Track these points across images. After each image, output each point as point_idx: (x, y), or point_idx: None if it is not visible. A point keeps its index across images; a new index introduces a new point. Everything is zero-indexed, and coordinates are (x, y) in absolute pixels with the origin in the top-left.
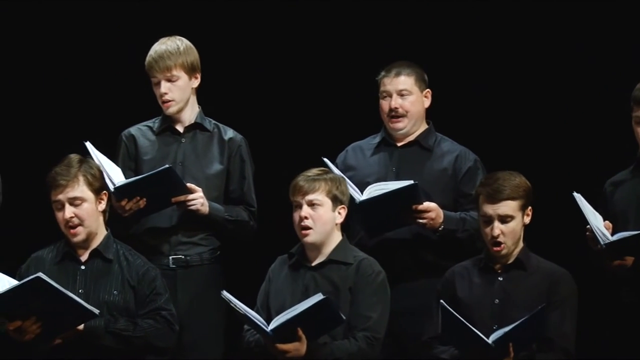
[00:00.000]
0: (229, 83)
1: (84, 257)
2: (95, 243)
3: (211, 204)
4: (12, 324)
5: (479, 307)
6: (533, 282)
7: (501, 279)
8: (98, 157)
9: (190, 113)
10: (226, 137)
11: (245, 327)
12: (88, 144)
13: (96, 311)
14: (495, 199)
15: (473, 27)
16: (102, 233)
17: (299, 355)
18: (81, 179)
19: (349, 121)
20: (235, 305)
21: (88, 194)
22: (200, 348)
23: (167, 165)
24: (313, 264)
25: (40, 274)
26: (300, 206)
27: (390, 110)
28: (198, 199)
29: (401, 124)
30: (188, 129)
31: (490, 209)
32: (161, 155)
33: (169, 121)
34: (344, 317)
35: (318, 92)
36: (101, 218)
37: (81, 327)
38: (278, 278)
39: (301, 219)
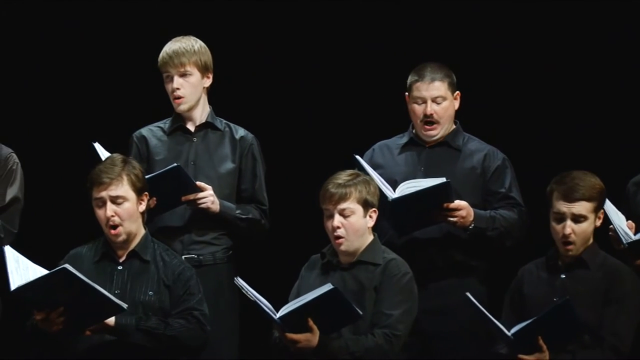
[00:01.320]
0: (245, 84)
1: (122, 258)
2: (134, 244)
3: (222, 202)
4: (38, 314)
5: (540, 304)
6: (595, 280)
7: (563, 276)
8: (106, 157)
9: (202, 112)
10: (237, 136)
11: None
12: (96, 145)
13: (124, 305)
14: (570, 197)
15: (501, 25)
16: (140, 234)
17: (309, 346)
18: (125, 178)
19: (367, 120)
20: (247, 292)
21: (130, 194)
22: (215, 348)
23: (175, 164)
24: (343, 264)
25: (66, 266)
26: (332, 215)
27: (425, 116)
28: (208, 197)
29: (434, 132)
30: (199, 128)
31: (564, 207)
32: (173, 155)
33: (180, 121)
34: (361, 312)
35: (332, 91)
36: (140, 219)
37: (112, 322)
38: (309, 277)
39: (334, 228)
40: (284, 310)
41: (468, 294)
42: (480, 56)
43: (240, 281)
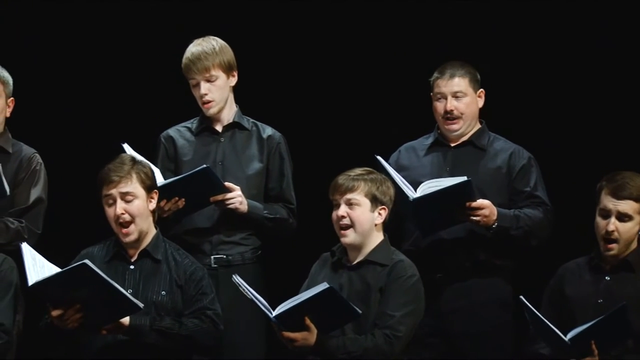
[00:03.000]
0: (273, 82)
1: (134, 257)
2: (145, 243)
3: (250, 202)
4: (54, 311)
5: (583, 305)
6: None
7: (608, 278)
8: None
9: (229, 112)
10: (265, 135)
11: None
12: (125, 146)
13: (140, 305)
14: (618, 195)
15: (526, 25)
16: (151, 233)
17: (307, 344)
18: (134, 175)
19: (395, 121)
20: (244, 290)
21: (140, 191)
22: (243, 347)
23: (204, 165)
24: (352, 264)
25: (86, 261)
26: (338, 205)
27: (445, 112)
28: (236, 198)
29: (456, 126)
30: (227, 128)
31: (610, 204)
32: (200, 156)
33: (208, 121)
34: (360, 311)
35: (363, 91)
36: (151, 217)
37: (127, 322)
38: (318, 276)
39: (339, 218)
40: (280, 309)
41: (522, 297)
42: (508, 55)
43: (237, 279)
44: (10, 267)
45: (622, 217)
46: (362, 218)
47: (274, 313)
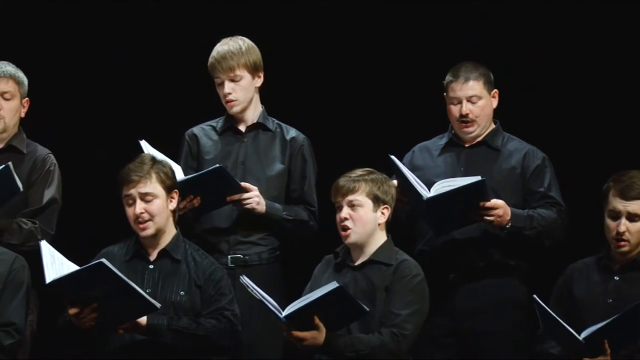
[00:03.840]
0: (295, 83)
1: (153, 257)
2: (164, 242)
3: (269, 203)
4: (72, 309)
5: (593, 305)
6: None
7: (617, 278)
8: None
9: (253, 112)
10: (288, 137)
11: None
12: (143, 142)
13: (157, 305)
14: (627, 195)
15: (539, 24)
16: (171, 232)
17: (316, 343)
18: (154, 175)
19: (413, 121)
20: (252, 291)
21: (160, 191)
22: (260, 347)
23: (217, 165)
24: (355, 264)
25: (103, 260)
26: (341, 207)
27: (461, 116)
28: (253, 198)
29: (471, 129)
30: (250, 128)
31: (620, 205)
32: (223, 155)
33: (232, 121)
34: (367, 309)
35: (382, 92)
36: (171, 217)
37: (144, 322)
38: (321, 277)
39: (342, 219)
40: (290, 309)
41: (535, 296)
42: (522, 54)
43: (245, 279)
44: (21, 267)
45: (633, 217)
46: (364, 219)
47: (284, 313)
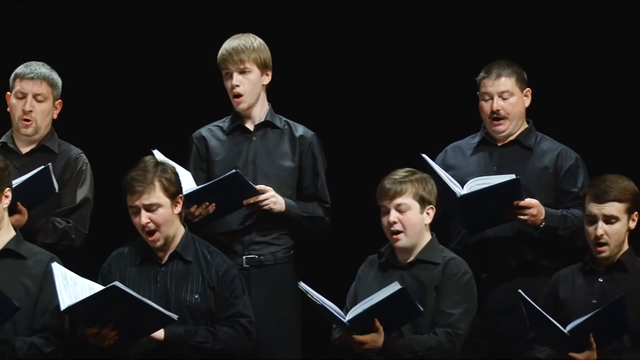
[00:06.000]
0: (307, 79)
1: (164, 259)
2: (174, 245)
3: (287, 201)
4: (90, 330)
5: (578, 307)
6: (634, 284)
7: (601, 280)
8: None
9: (261, 110)
10: (297, 134)
11: (334, 325)
12: (156, 152)
13: (174, 317)
14: (601, 199)
15: (574, 25)
16: (179, 234)
17: (376, 346)
18: (157, 184)
19: (439, 120)
20: (312, 297)
21: (164, 200)
22: (276, 348)
23: (233, 170)
24: (402, 264)
25: (116, 283)
26: (388, 211)
27: (492, 112)
28: (270, 199)
29: (503, 127)
30: (258, 127)
31: (595, 209)
32: (232, 155)
33: (239, 120)
34: (422, 309)
35: (398, 89)
36: (177, 220)
37: (161, 336)
38: (367, 277)
39: (390, 224)
40: (352, 313)
41: (520, 291)
42: (556, 53)
43: (304, 286)
44: None
45: (609, 219)
46: (413, 221)
47: (347, 318)
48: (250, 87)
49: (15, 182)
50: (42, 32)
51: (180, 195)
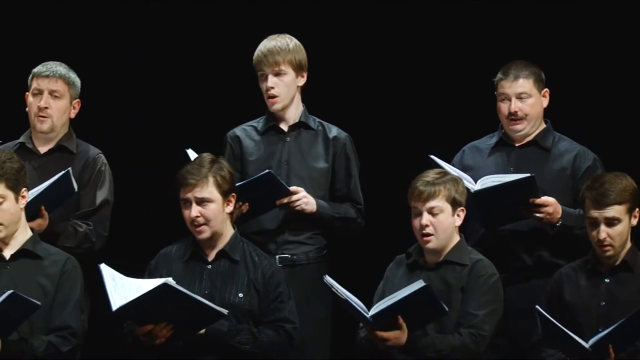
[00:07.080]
0: (341, 81)
1: (211, 257)
2: (222, 243)
3: (319, 202)
4: (142, 329)
5: (585, 310)
6: None
7: (607, 280)
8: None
9: (295, 111)
10: (331, 135)
11: (361, 324)
12: (190, 151)
13: (224, 311)
14: (601, 203)
15: (592, 25)
16: (228, 233)
17: (399, 343)
18: (211, 179)
19: (460, 120)
20: (337, 290)
21: (216, 195)
22: (308, 347)
23: (266, 170)
24: (429, 264)
25: (168, 281)
26: (420, 213)
27: (510, 113)
28: (302, 199)
29: (520, 126)
30: (292, 127)
31: (596, 213)
32: (266, 155)
33: (274, 120)
34: (447, 308)
35: (430, 90)
36: (228, 219)
37: (202, 332)
38: (394, 277)
39: (422, 227)
40: (375, 309)
41: (538, 307)
42: (574, 53)
43: (329, 279)
44: (73, 267)
45: (611, 222)
46: (445, 224)
47: (370, 313)
48: (285, 89)
49: (38, 189)
50: (67, 33)
51: (233, 194)
